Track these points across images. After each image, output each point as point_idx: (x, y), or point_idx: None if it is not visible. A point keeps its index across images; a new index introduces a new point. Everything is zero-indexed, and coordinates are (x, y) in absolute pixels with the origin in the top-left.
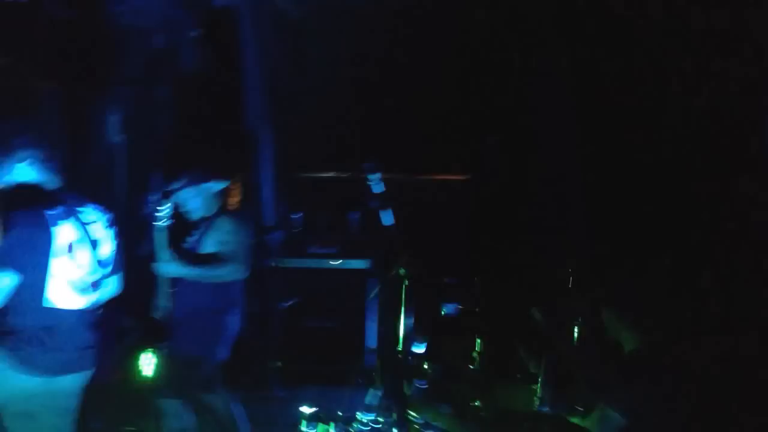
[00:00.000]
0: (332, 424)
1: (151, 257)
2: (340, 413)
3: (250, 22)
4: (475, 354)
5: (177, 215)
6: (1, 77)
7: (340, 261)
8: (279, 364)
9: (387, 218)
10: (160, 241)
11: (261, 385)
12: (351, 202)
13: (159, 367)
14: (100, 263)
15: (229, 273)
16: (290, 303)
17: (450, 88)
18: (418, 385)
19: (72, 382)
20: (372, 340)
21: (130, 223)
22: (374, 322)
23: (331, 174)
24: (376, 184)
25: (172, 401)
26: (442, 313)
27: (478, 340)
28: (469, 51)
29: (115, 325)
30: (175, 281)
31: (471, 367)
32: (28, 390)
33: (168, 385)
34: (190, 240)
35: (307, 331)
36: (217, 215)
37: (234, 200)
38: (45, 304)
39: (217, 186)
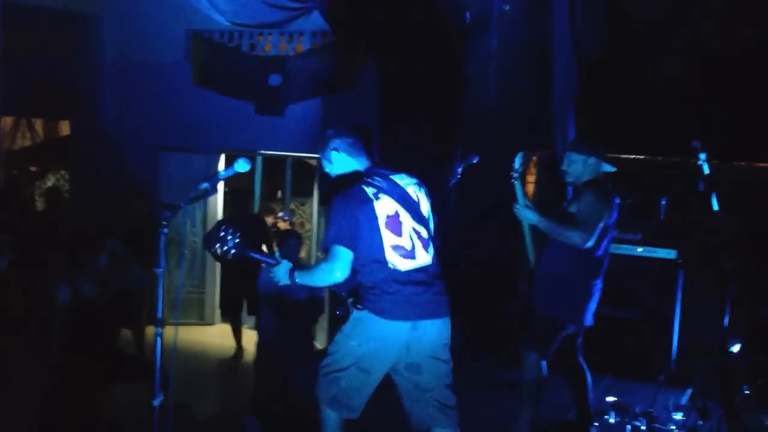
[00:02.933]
0: (641, 419)
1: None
2: (638, 409)
3: None
4: None
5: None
6: (328, 53)
7: (642, 249)
8: None
9: (713, 204)
10: (518, 190)
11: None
12: (659, 185)
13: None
14: (422, 221)
15: (574, 237)
16: None
17: None
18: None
19: (430, 327)
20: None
21: (437, 194)
22: (686, 317)
23: (638, 156)
24: (704, 164)
25: (531, 354)
26: None
27: None
28: None
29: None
30: (542, 244)
31: None
32: (395, 333)
33: (530, 339)
34: (564, 204)
35: (606, 319)
36: (584, 186)
37: None
38: (388, 264)
39: (593, 161)
